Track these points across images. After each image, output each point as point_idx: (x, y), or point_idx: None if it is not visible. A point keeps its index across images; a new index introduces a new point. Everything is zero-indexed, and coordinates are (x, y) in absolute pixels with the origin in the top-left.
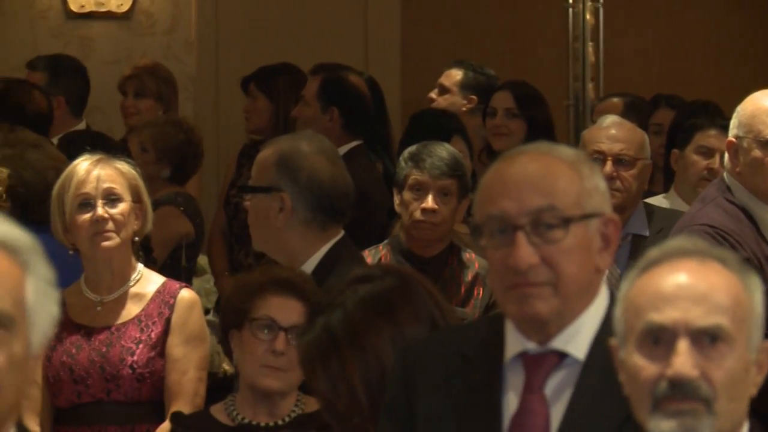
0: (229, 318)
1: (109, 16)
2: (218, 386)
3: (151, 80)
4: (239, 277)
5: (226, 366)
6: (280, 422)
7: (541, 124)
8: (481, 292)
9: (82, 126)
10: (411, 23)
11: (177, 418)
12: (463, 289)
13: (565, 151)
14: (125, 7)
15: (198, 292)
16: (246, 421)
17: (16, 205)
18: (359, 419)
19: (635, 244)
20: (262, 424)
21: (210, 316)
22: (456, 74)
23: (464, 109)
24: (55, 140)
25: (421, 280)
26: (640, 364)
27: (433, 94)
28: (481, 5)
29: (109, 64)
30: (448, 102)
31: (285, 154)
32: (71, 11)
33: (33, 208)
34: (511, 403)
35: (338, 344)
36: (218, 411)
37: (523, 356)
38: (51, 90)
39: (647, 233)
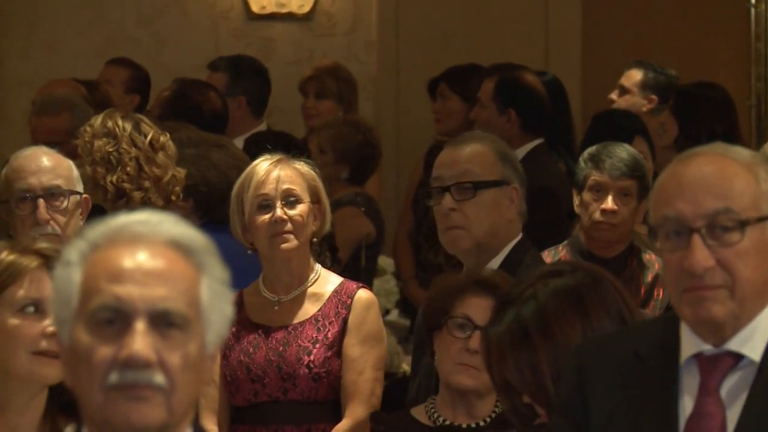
0: (431, 319)
1: (290, 17)
2: (397, 387)
3: (331, 81)
4: (443, 277)
5: (406, 366)
6: (481, 423)
7: (690, 124)
8: (661, 294)
9: (262, 127)
10: (592, 23)
11: (377, 417)
12: (642, 290)
13: (742, 153)
14: (306, 8)
15: (377, 293)
16: (447, 422)
17: (198, 205)
18: (543, 408)
19: None
20: (464, 425)
21: (389, 317)
22: (636, 75)
23: (645, 109)
24: (240, 141)
25: (609, 277)
26: None
27: (613, 95)
28: (663, 5)
29: (290, 65)
30: (629, 103)
31: (502, 148)
32: (252, 12)
33: (215, 208)
34: (686, 404)
35: (530, 334)
36: (419, 412)
37: (698, 357)
38: (231, 91)
39: None
